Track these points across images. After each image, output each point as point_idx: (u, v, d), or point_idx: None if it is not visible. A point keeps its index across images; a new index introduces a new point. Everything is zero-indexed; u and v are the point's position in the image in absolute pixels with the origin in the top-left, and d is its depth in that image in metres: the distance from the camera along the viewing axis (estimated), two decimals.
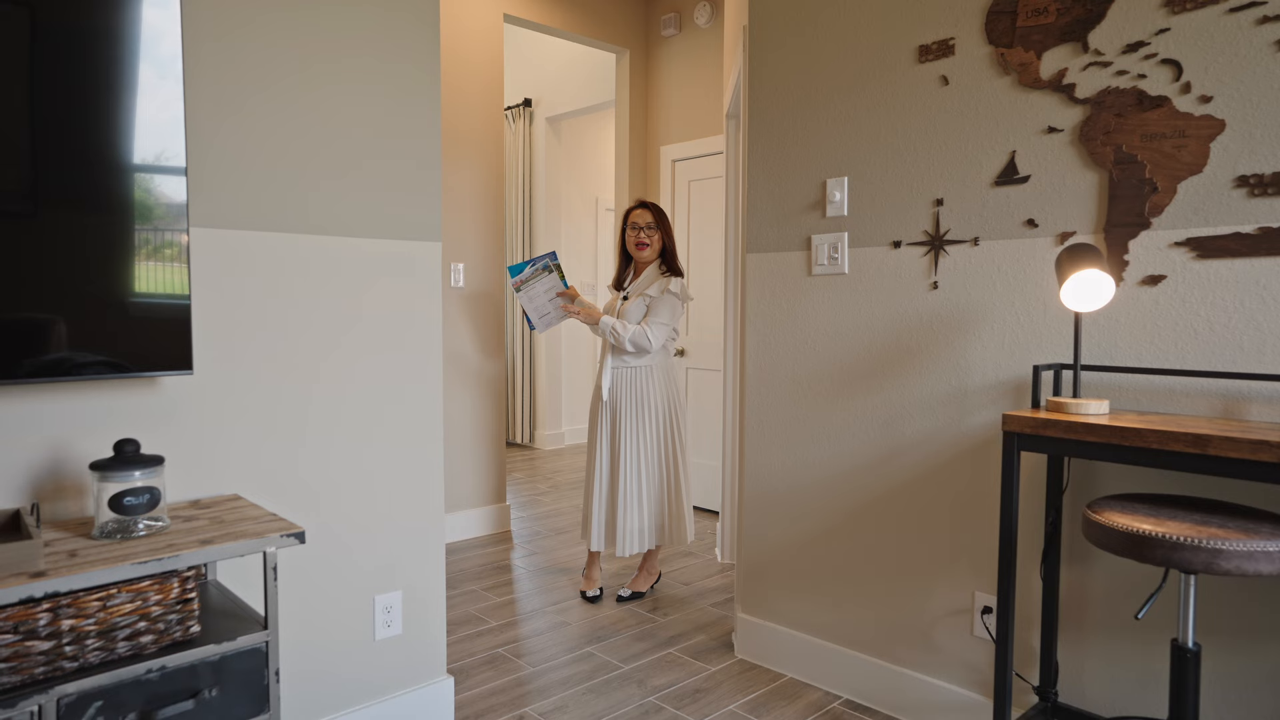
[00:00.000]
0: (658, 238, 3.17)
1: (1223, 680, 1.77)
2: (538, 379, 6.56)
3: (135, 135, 1.57)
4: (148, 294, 1.62)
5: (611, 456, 3.20)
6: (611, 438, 3.20)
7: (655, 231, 3.16)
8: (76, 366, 1.54)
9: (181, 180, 1.64)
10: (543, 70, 6.21)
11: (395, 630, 2.14)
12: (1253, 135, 1.70)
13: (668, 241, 3.20)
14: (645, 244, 3.15)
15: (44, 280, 1.50)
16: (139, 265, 1.60)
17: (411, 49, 2.10)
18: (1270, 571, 1.40)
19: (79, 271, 1.53)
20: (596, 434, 3.24)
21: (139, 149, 1.58)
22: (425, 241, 2.16)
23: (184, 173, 1.64)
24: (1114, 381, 1.90)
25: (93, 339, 1.56)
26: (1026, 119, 2.01)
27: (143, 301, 1.61)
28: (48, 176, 1.49)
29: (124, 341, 1.59)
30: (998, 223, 2.07)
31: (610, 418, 3.21)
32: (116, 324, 1.58)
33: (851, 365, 2.39)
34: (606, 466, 3.21)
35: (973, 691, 2.17)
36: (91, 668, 1.35)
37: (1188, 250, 1.79)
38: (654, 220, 3.16)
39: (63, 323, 1.52)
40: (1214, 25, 1.74)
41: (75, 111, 1.50)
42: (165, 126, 1.61)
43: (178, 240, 1.64)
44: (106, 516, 1.47)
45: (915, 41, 2.21)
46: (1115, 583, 1.92)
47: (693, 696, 2.45)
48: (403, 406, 2.13)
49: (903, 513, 2.30)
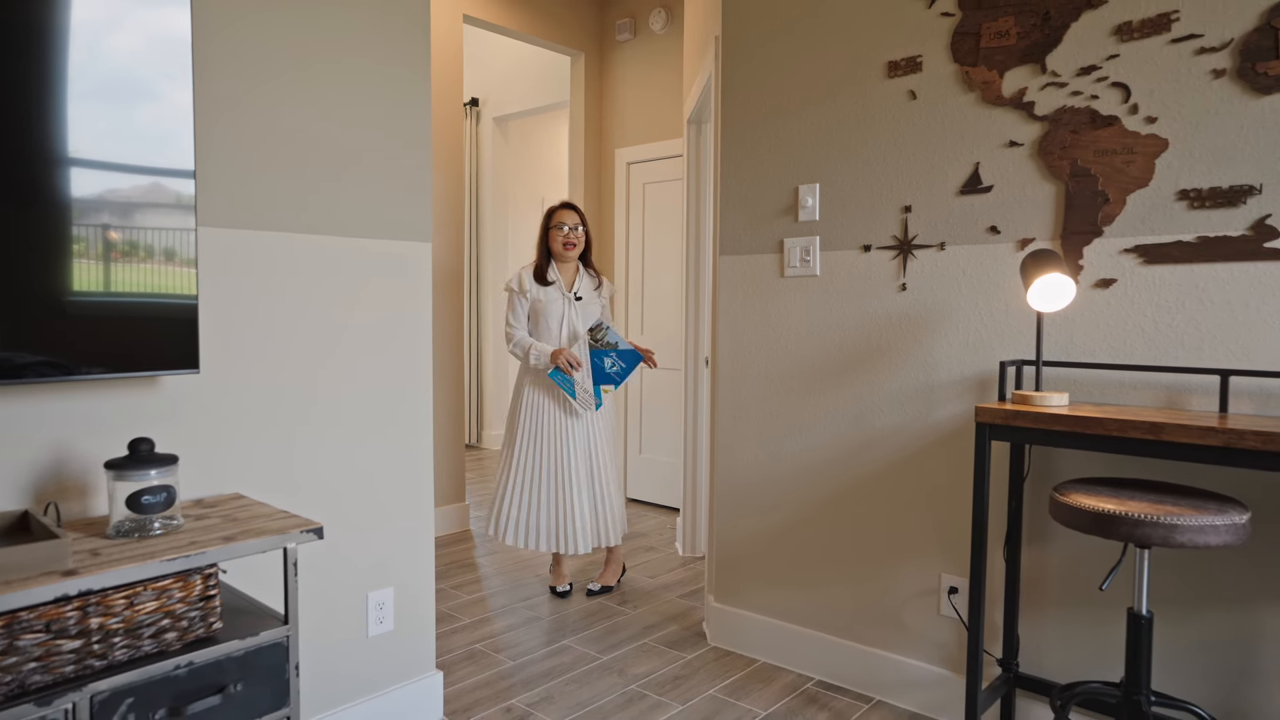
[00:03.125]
0: (582, 237, 3.27)
1: (1170, 644, 1.96)
2: (484, 380, 6.55)
3: (143, 138, 1.57)
4: (154, 293, 1.61)
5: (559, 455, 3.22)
6: (560, 438, 3.23)
7: (580, 231, 3.26)
8: (76, 365, 1.53)
9: (190, 181, 1.63)
10: (490, 70, 6.21)
11: (388, 626, 2.16)
12: (1193, 154, 1.89)
13: (588, 239, 3.33)
14: (573, 244, 3.23)
15: None
16: (144, 264, 1.59)
17: (405, 52, 2.13)
18: (1216, 543, 1.57)
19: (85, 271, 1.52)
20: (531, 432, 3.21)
21: (147, 151, 1.57)
22: (418, 242, 2.19)
23: (193, 175, 1.64)
24: (1071, 376, 2.07)
25: (95, 338, 1.54)
26: (989, 133, 2.17)
27: (149, 301, 1.60)
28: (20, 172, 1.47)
29: (129, 340, 1.58)
30: (962, 229, 2.22)
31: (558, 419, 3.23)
32: (121, 322, 1.57)
33: (823, 363, 2.52)
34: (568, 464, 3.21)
35: (939, 667, 2.32)
36: (119, 665, 1.35)
37: (1136, 256, 1.97)
38: (579, 220, 3.26)
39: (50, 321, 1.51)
40: (1158, 53, 1.92)
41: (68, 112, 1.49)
42: (174, 127, 1.61)
43: (186, 239, 1.64)
44: (123, 515, 1.47)
45: (885, 57, 2.35)
46: (1071, 561, 2.09)
47: (673, 683, 2.54)
48: (395, 405, 2.16)
49: (872, 502, 2.44)
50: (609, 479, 3.28)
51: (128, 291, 1.58)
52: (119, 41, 1.54)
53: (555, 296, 3.23)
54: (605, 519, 3.26)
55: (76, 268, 1.51)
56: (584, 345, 3.20)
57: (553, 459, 3.21)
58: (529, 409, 3.23)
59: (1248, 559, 1.85)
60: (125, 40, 1.54)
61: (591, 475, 3.24)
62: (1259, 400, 1.82)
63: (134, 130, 1.56)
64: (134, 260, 1.58)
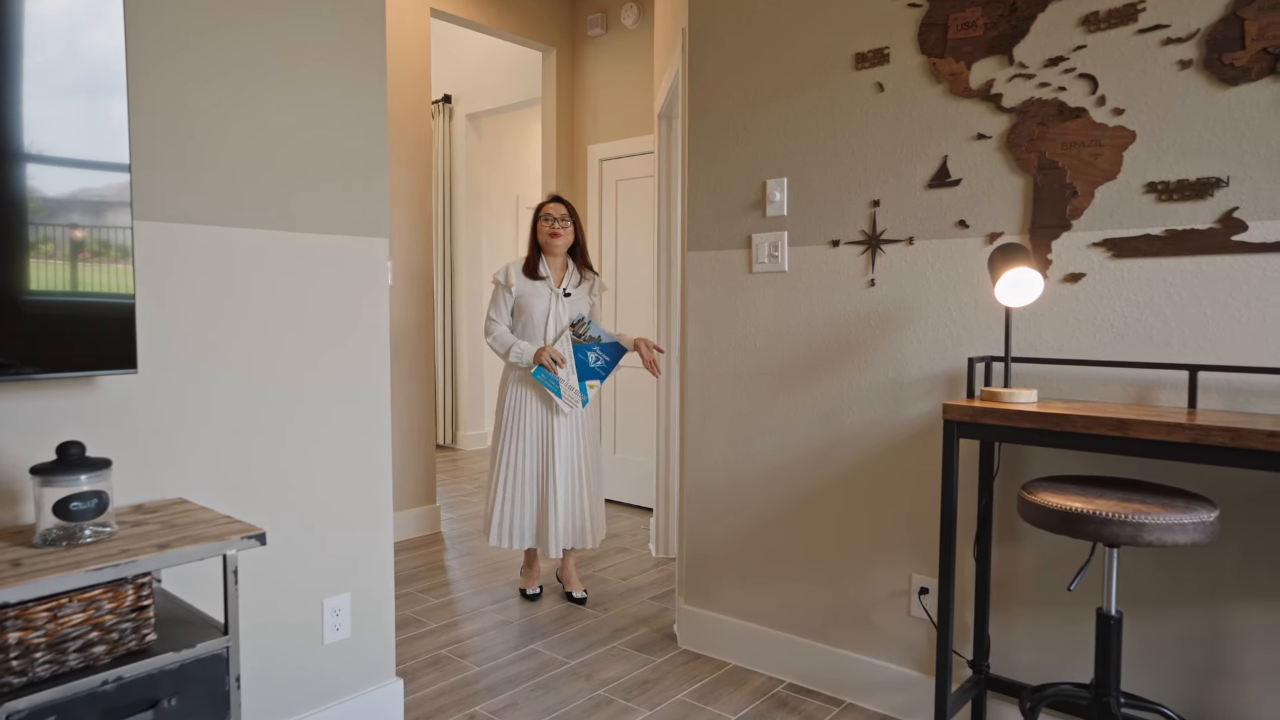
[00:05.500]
0: (570, 229, 3.19)
1: (1139, 644, 1.93)
2: (459, 379, 6.47)
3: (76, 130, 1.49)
4: (89, 291, 1.53)
5: (542, 454, 3.16)
6: (545, 436, 3.17)
7: (568, 223, 3.18)
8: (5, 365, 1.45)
9: (125, 175, 1.56)
10: (463, 66, 6.13)
11: (344, 634, 2.10)
12: (1160, 145, 1.86)
13: (579, 236, 3.23)
14: (559, 233, 3.13)
15: None
16: (77, 262, 1.52)
17: (359, 47, 2.06)
18: (1185, 541, 1.54)
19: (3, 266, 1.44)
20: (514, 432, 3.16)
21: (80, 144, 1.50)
22: (372, 238, 2.12)
23: (128, 169, 1.56)
24: (1040, 372, 2.04)
25: (19, 337, 1.47)
26: (957, 125, 2.13)
27: (81, 300, 1.53)
28: None
29: (64, 339, 1.51)
30: (931, 223, 2.19)
31: (543, 417, 3.16)
32: (50, 321, 1.49)
33: (792, 361, 2.48)
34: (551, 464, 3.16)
35: (910, 669, 2.28)
36: (41, 682, 1.28)
37: (1104, 250, 1.94)
38: (567, 213, 3.19)
39: None
40: (1125, 44, 1.89)
41: None
42: (109, 118, 1.53)
43: (121, 235, 1.57)
44: (50, 523, 1.39)
45: (852, 49, 2.31)
46: (1042, 560, 2.06)
47: (641, 688, 2.49)
48: (350, 405, 2.09)
49: (843, 502, 2.40)
50: (591, 481, 3.21)
51: (61, 290, 1.50)
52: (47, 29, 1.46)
53: (543, 291, 3.14)
54: (585, 521, 3.20)
55: (6, 264, 1.43)
56: (567, 341, 3.13)
57: (536, 458, 3.15)
58: (513, 408, 3.16)
59: (1217, 557, 1.83)
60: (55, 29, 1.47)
61: (572, 476, 3.17)
62: (1227, 396, 1.79)
63: (67, 121, 1.49)
64: (66, 258, 1.51)
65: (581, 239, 3.24)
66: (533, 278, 3.16)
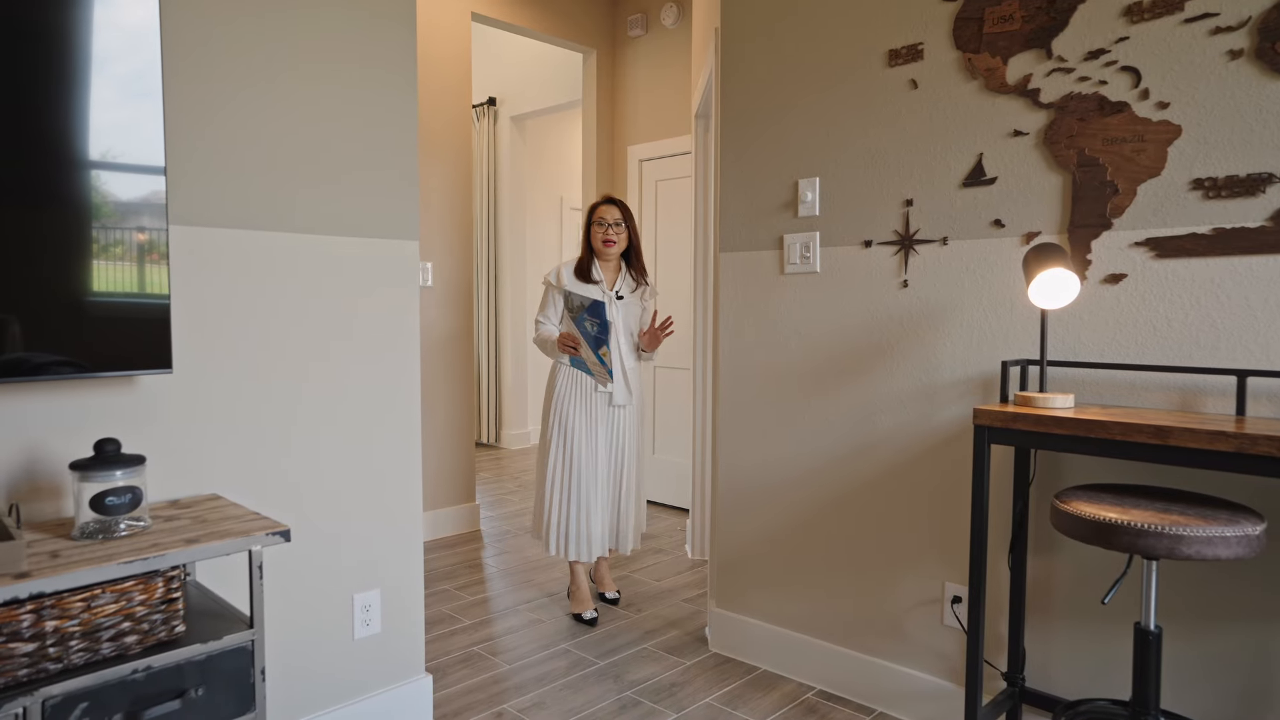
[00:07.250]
0: (624, 234, 3.12)
1: (1181, 661, 1.86)
2: (503, 379, 6.54)
3: (113, 135, 1.55)
4: (125, 293, 1.59)
5: (614, 457, 3.15)
6: (612, 439, 3.14)
7: (622, 228, 3.11)
8: (44, 366, 1.51)
9: (160, 178, 1.61)
10: (507, 69, 6.19)
11: (374, 629, 2.13)
12: (1207, 140, 1.78)
13: (634, 239, 3.16)
14: (612, 241, 3.06)
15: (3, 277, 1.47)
16: (116, 264, 1.57)
17: (391, 52, 2.09)
18: (1227, 555, 1.48)
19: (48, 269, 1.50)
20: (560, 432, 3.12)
21: (117, 148, 1.56)
22: (404, 240, 2.16)
23: (163, 172, 1.61)
24: (1078, 376, 1.97)
25: (63, 338, 1.53)
26: (993, 122, 2.08)
27: (119, 301, 1.58)
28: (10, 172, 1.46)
29: (100, 340, 1.57)
30: (966, 223, 2.14)
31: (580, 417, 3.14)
32: (92, 322, 1.55)
33: (823, 363, 2.44)
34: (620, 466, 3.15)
35: (943, 679, 2.23)
36: (76, 669, 1.33)
37: (1147, 250, 1.87)
38: (621, 216, 3.10)
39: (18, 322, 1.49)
40: (1170, 35, 1.82)
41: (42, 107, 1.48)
42: (145, 124, 1.59)
43: (157, 238, 1.62)
44: (87, 517, 1.45)
45: (885, 46, 2.26)
46: (1080, 571, 1.99)
47: (669, 690, 2.48)
48: (382, 404, 2.13)
49: (874, 507, 2.35)
50: (632, 483, 3.18)
51: (100, 291, 1.56)
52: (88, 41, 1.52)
53: (595, 294, 3.09)
54: (627, 525, 3.17)
55: (70, 268, 1.49)
56: (567, 321, 3.12)
57: (583, 459, 3.08)
58: (557, 408, 3.12)
59: (1264, 572, 1.75)
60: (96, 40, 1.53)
61: (612, 477, 3.15)
62: (1279, 403, 1.71)
63: (104, 127, 1.54)
64: (106, 259, 1.57)
65: (636, 241, 3.15)
66: (585, 280, 3.11)
